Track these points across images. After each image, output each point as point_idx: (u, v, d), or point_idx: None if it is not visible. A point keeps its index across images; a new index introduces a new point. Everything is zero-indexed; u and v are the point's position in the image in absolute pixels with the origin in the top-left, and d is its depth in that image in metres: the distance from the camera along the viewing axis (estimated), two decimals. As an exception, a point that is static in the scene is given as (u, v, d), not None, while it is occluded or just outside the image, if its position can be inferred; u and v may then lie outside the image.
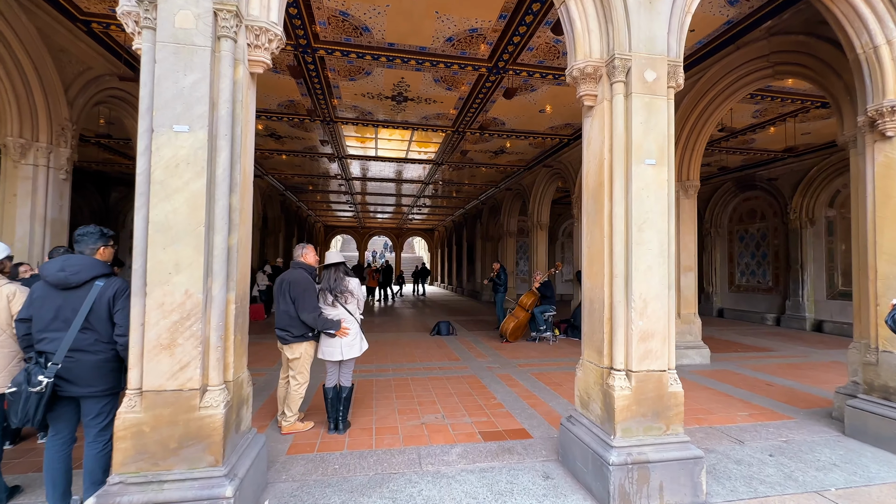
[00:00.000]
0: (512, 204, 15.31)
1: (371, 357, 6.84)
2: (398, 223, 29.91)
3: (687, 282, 6.79)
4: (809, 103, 7.68)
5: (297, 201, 19.45)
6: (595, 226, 2.99)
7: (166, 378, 2.19)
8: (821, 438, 3.79)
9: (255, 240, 13.83)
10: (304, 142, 10.46)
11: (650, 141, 2.81)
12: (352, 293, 3.72)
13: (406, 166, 13.04)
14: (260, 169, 13.15)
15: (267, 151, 11.34)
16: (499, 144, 10.52)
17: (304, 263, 3.78)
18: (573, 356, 7.14)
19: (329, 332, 3.64)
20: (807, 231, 11.18)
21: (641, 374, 2.75)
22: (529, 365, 6.48)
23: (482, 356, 7.08)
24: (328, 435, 3.69)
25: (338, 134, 9.76)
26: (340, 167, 13.08)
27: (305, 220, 23.23)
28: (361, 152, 11.48)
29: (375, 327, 10.31)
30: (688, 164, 6.79)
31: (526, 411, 4.37)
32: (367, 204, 21.03)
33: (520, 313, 8.29)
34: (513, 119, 8.71)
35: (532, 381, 5.53)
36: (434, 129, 9.35)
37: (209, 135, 2.29)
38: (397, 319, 12.12)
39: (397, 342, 8.29)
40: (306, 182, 15.66)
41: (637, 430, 2.73)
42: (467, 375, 5.81)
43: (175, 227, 2.22)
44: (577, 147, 10.04)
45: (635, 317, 2.75)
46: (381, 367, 6.22)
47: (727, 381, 5.72)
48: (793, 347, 8.34)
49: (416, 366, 6.36)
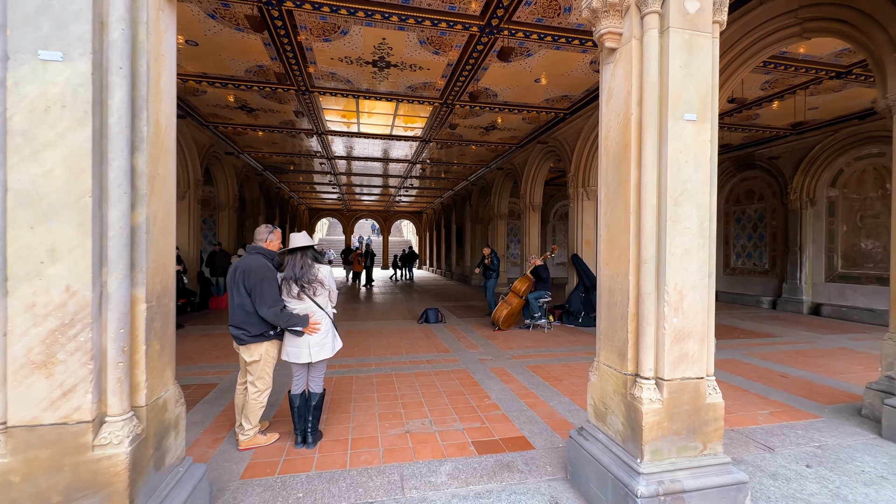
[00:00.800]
0: (503, 185, 14.69)
1: (352, 349, 6.28)
2: (385, 206, 29.08)
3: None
4: (823, 73, 7.15)
5: (277, 182, 18.52)
6: (617, 200, 2.41)
7: (42, 408, 1.58)
8: (857, 442, 3.36)
9: (233, 223, 13.02)
10: (279, 115, 9.61)
11: (690, 90, 2.22)
12: (322, 283, 3.11)
13: (392, 144, 12.27)
14: (234, 146, 12.24)
15: (240, 126, 10.46)
16: (490, 119, 9.82)
17: (263, 248, 3.14)
18: (570, 345, 6.68)
19: (294, 329, 3.04)
20: (807, 212, 10.83)
21: (675, 383, 2.22)
22: (525, 356, 5.99)
23: (473, 346, 6.57)
24: (295, 450, 3.13)
25: (316, 107, 8.95)
26: (321, 144, 12.25)
27: (288, 202, 22.29)
28: (343, 128, 10.67)
29: (359, 315, 9.73)
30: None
31: (524, 413, 3.87)
32: (353, 185, 20.18)
33: (513, 300, 7.78)
34: (506, 90, 8.02)
35: (528, 376, 5.03)
36: (420, 101, 8.61)
37: (95, 66, 1.62)
38: (383, 306, 11.55)
39: (381, 331, 7.73)
40: (286, 161, 14.77)
41: (669, 452, 2.22)
42: (458, 370, 5.29)
43: (48, 198, 1.57)
44: (574, 122, 9.41)
45: (669, 312, 2.20)
46: (362, 362, 5.66)
47: (738, 372, 5.31)
48: (795, 333, 8.02)
49: (401, 359, 5.81)
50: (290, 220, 23.46)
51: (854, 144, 9.82)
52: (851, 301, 9.91)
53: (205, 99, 8.60)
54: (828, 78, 7.34)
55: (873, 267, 9.56)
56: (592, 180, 9.19)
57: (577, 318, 8.56)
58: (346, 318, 9.12)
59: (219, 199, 12.71)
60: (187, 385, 4.59)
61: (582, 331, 7.96)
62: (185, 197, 9.84)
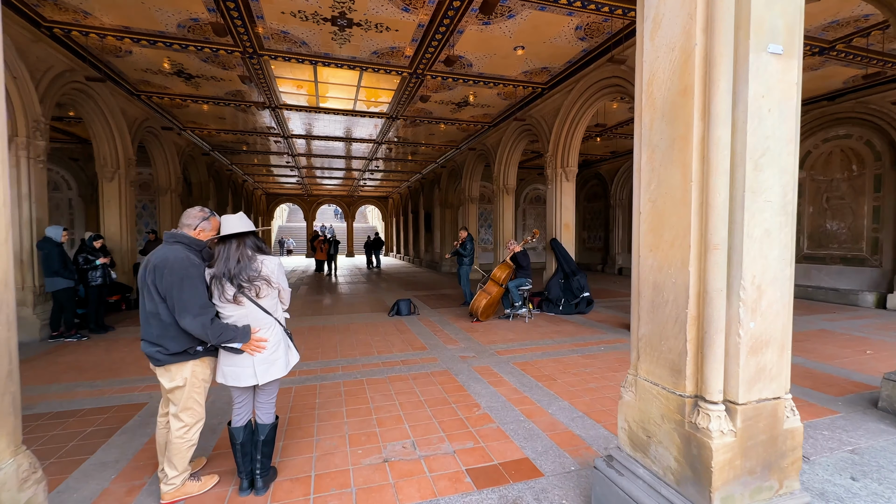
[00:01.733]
0: (475, 167, 14.04)
1: (314, 351, 5.51)
2: (349, 190, 27.77)
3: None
4: (807, 49, 6.92)
5: (229, 164, 16.96)
6: (670, 166, 1.81)
7: None
8: (889, 443, 3.03)
9: (176, 209, 11.65)
10: (225, 85, 8.43)
11: (776, 13, 1.62)
12: (268, 280, 2.35)
13: (355, 122, 11.28)
14: (174, 121, 10.83)
15: (179, 97, 9.15)
16: (462, 94, 9.09)
17: (186, 236, 2.33)
18: (555, 336, 6.22)
19: (231, 346, 2.28)
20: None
21: (750, 407, 1.68)
22: (510, 351, 5.45)
23: (452, 341, 5.97)
24: (240, 499, 2.40)
25: (267, 74, 7.86)
26: (276, 121, 11.06)
27: (242, 186, 20.66)
28: (300, 102, 9.59)
29: (323, 308, 8.89)
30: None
31: (523, 426, 3.30)
32: (313, 168, 18.89)
33: (492, 288, 7.22)
34: (482, 58, 7.30)
35: (518, 376, 4.49)
36: (387, 71, 7.73)
37: None
38: (349, 297, 10.72)
39: (349, 327, 6.97)
40: (237, 140, 13.39)
41: (741, 497, 1.69)
42: (438, 371, 4.67)
43: None
44: (553, 98, 8.84)
45: (745, 315, 1.64)
46: (327, 365, 4.91)
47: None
48: (772, 314, 7.98)
49: (372, 360, 5.11)
50: (244, 206, 21.83)
51: (823, 126, 9.88)
52: (816, 281, 10.11)
53: (131, 61, 7.32)
54: (810, 54, 7.13)
55: (838, 247, 9.75)
56: (572, 160, 8.72)
57: (558, 305, 8.15)
58: (308, 313, 8.26)
59: (158, 182, 11.29)
60: (106, 407, 3.70)
61: (563, 319, 7.55)
62: (113, 178, 8.51)
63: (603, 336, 6.23)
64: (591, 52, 7.07)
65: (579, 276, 8.24)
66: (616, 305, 9.04)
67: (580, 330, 6.64)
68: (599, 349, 5.55)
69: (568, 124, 8.43)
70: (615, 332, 6.51)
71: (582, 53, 7.14)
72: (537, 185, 19.17)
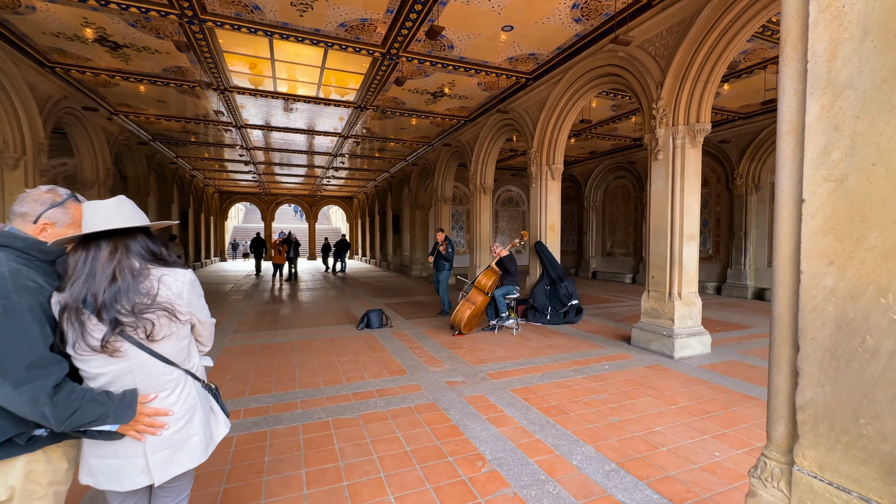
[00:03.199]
0: (448, 165, 13.25)
1: (267, 380, 4.47)
2: (311, 189, 26.24)
3: (689, 253, 5.42)
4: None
5: (174, 157, 15.24)
6: (886, 116, 1.05)
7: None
8: None
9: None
10: (160, 59, 7.15)
11: None
12: (171, 310, 1.38)
13: (318, 112, 10.17)
14: (100, 101, 9.31)
15: (105, 73, 7.74)
16: (440, 82, 8.26)
17: (18, 236, 1.33)
18: (550, 352, 5.49)
19: (102, 431, 1.31)
20: (752, 197, 10.86)
21: None
22: (503, 374, 4.65)
23: (435, 362, 5.10)
24: None
25: (213, 47, 6.69)
26: (227, 107, 9.77)
27: (191, 182, 18.81)
28: (254, 86, 8.41)
29: (280, 321, 7.75)
30: (697, 100, 5.26)
31: (547, 490, 2.49)
32: (272, 164, 17.43)
33: (477, 297, 6.41)
34: (464, 40, 6.50)
35: (522, 409, 3.69)
36: (357, 49, 6.77)
37: None
38: (311, 306, 9.58)
39: (311, 345, 5.94)
40: (183, 130, 11.89)
41: None
42: (424, 405, 3.79)
43: None
44: (538, 90, 8.18)
45: None
46: (282, 400, 3.91)
47: (751, 379, 4.46)
48: (762, 321, 7.69)
49: (340, 390, 4.15)
50: (194, 205, 19.95)
51: (799, 130, 9.83)
52: None
53: (36, 23, 5.95)
54: (803, 51, 6.84)
55: None
56: (558, 157, 8.09)
57: (545, 314, 7.47)
58: (261, 327, 7.12)
59: (83, 174, 9.68)
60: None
61: (553, 330, 6.86)
62: (17, 166, 7.01)
63: (603, 351, 5.57)
64: (584, 38, 6.44)
65: (567, 283, 7.61)
66: (603, 313, 8.49)
67: (576, 343, 5.96)
68: (604, 368, 4.87)
69: (555, 118, 7.79)
70: (614, 345, 5.88)
71: (574, 38, 6.50)
72: (510, 185, 18.66)
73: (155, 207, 14.60)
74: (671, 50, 5.35)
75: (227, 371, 4.70)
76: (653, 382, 4.39)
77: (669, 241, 5.44)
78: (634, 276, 14.40)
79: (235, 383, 4.30)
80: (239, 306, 9.33)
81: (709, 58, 5.00)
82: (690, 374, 4.67)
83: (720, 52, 4.92)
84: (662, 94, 5.39)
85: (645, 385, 4.30)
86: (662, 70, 5.44)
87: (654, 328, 5.56)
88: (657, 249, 5.59)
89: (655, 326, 5.55)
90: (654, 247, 5.65)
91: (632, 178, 14.67)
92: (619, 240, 15.45)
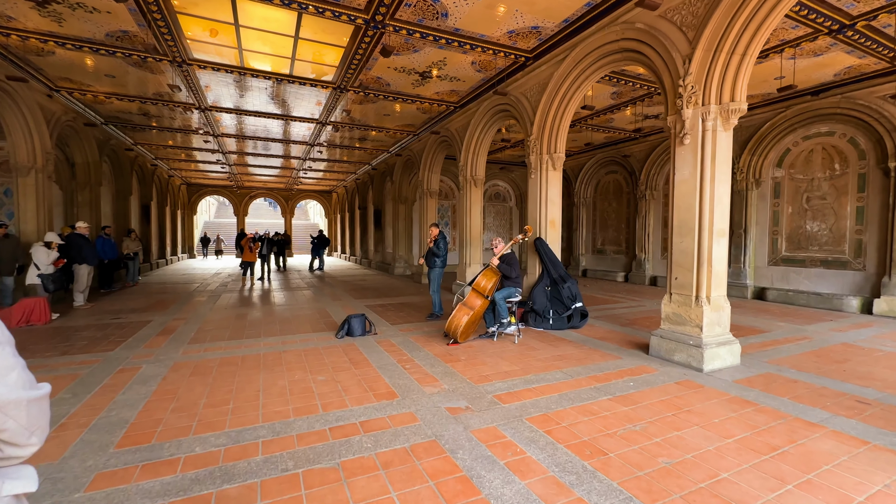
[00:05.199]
0: (435, 156, 12.40)
1: (221, 411, 3.56)
2: (287, 183, 24.91)
3: (720, 251, 4.76)
4: (826, 26, 6.09)
5: (131, 143, 13.86)
6: None
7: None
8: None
9: (46, 194, 8.83)
10: (100, 19, 6.04)
11: None
12: None
13: (293, 94, 9.15)
14: (36, 74, 8.06)
15: (34, 36, 6.56)
16: (430, 60, 7.40)
17: None
18: (562, 364, 4.75)
19: None
20: (752, 193, 10.44)
21: None
22: (514, 395, 3.88)
23: (430, 380, 4.28)
24: None
25: (164, 6, 5.64)
26: (188, 86, 8.65)
27: (153, 173, 17.33)
28: (217, 58, 7.36)
29: (247, 328, 6.77)
30: (732, 76, 4.58)
31: None
32: (244, 153, 16.18)
33: (475, 301, 5.62)
34: (461, 6, 5.67)
35: (548, 448, 2.92)
36: (336, 14, 5.85)
37: None
38: (284, 309, 8.61)
39: (281, 359, 5.02)
40: (140, 112, 10.64)
41: None
42: (422, 444, 2.97)
43: None
44: (539, 71, 7.42)
45: None
46: (239, 441, 3.01)
47: (800, 398, 3.83)
48: (774, 323, 7.18)
49: (315, 424, 3.29)
50: (158, 197, 18.47)
51: (803, 123, 9.44)
52: (795, 285, 9.68)
53: (-66, -38, 4.81)
54: (826, 32, 6.32)
55: (818, 250, 9.35)
56: (560, 145, 7.37)
57: (546, 318, 6.75)
58: (223, 336, 6.14)
59: (16, 158, 8.40)
60: None
61: (557, 337, 6.14)
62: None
63: (620, 363, 4.87)
64: (595, 7, 5.71)
65: (570, 283, 6.90)
66: (605, 315, 7.84)
67: (587, 354, 5.25)
68: (629, 385, 4.16)
69: (557, 101, 7.06)
70: (630, 354, 5.20)
71: (585, 8, 5.75)
72: (497, 180, 17.95)
73: (109, 199, 13.21)
74: (701, 18, 4.66)
75: (172, 398, 3.76)
76: (691, 404, 3.70)
77: (697, 237, 4.77)
78: (627, 275, 13.92)
79: (179, 416, 3.38)
80: (201, 310, 8.27)
81: (748, 24, 4.33)
82: (729, 391, 4.01)
83: (764, 16, 4.24)
84: (691, 68, 4.70)
85: (684, 408, 3.61)
86: (690, 42, 4.76)
87: (677, 336, 4.89)
88: (682, 247, 4.92)
89: (680, 335, 4.89)
90: (678, 244, 4.98)
91: (625, 174, 14.16)
92: (611, 237, 14.95)
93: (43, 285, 7.19)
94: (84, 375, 4.32)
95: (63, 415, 3.39)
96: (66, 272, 8.05)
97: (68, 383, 4.09)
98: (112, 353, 5.14)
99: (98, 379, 4.22)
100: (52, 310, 7.15)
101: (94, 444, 2.92)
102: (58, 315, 7.29)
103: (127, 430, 3.13)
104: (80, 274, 8.29)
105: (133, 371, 4.47)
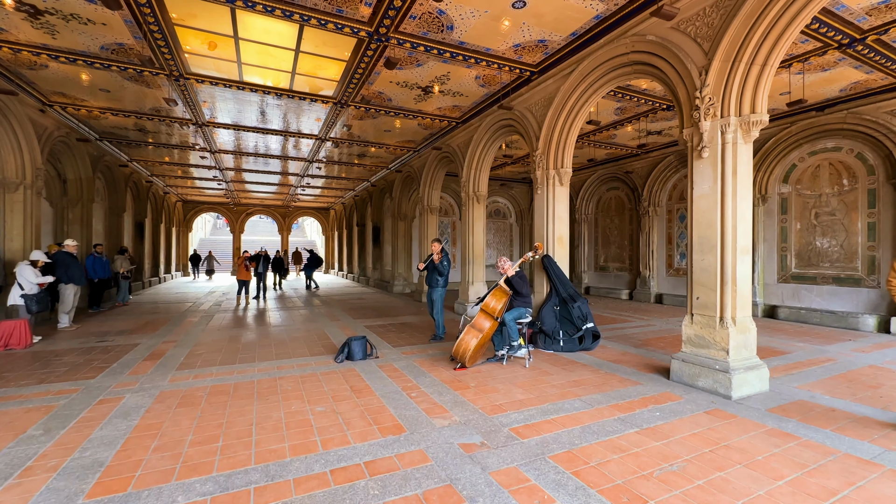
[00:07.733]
0: (436, 172, 12.23)
1: (209, 449, 3.19)
2: (284, 200, 24.72)
3: (744, 270, 4.50)
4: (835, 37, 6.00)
5: (127, 160, 13.63)
6: None
7: None
8: None
9: (35, 210, 8.53)
10: (95, 31, 5.86)
11: None
12: None
13: (293, 108, 8.99)
14: (27, 88, 7.85)
15: (26, 49, 6.37)
16: (433, 74, 7.27)
17: None
18: (580, 392, 4.41)
19: None
20: (759, 209, 10.28)
21: None
22: (532, 428, 3.54)
23: (439, 410, 3.94)
24: None
25: (160, 16, 5.47)
26: (185, 101, 8.47)
27: (148, 189, 17.07)
28: (215, 72, 7.19)
29: (240, 352, 6.39)
30: (752, 87, 4.41)
31: None
32: (241, 170, 15.98)
33: (485, 323, 5.30)
34: (467, 18, 5.53)
35: (579, 494, 2.58)
36: (339, 27, 5.70)
37: None
38: (280, 331, 8.23)
39: (276, 386, 4.66)
40: (136, 128, 10.44)
41: None
42: (436, 489, 2.62)
43: None
44: (544, 86, 7.28)
45: None
46: (227, 490, 2.65)
47: (843, 430, 3.51)
48: (800, 345, 6.89)
49: (314, 465, 2.94)
50: (153, 214, 18.16)
51: (809, 138, 9.35)
52: (807, 303, 9.43)
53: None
54: (835, 47, 6.23)
55: (830, 266, 9.13)
56: (567, 160, 7.18)
57: (556, 339, 6.43)
58: (214, 362, 5.76)
59: (4, 173, 8.12)
60: None
61: (569, 360, 5.81)
62: None
63: (641, 389, 4.54)
64: (605, 20, 5.59)
65: (580, 303, 6.60)
66: (616, 336, 7.52)
67: (605, 379, 4.92)
68: (655, 416, 3.83)
69: (564, 116, 6.90)
70: (650, 379, 4.87)
71: (594, 21, 5.64)
72: (497, 197, 17.80)
73: (102, 216, 12.90)
74: (717, 29, 4.52)
75: (155, 434, 3.39)
76: (728, 438, 3.37)
77: (720, 254, 4.52)
78: (631, 293, 13.63)
79: (162, 457, 3.01)
80: (193, 331, 7.89)
81: (769, 32, 4.17)
82: (765, 422, 3.68)
83: (786, 24, 4.09)
84: (708, 80, 4.53)
85: (721, 443, 3.28)
86: (706, 53, 4.60)
87: (701, 360, 4.58)
88: (703, 265, 4.66)
89: (704, 359, 4.58)
90: (698, 262, 4.72)
91: (627, 190, 14.03)
92: (614, 254, 14.72)
93: (26, 306, 6.80)
94: (60, 407, 3.94)
95: (31, 456, 3.01)
96: (52, 292, 7.67)
97: (41, 416, 3.72)
98: (93, 380, 4.76)
99: (75, 411, 3.84)
100: (33, 332, 6.76)
101: (62, 493, 2.56)
102: (39, 338, 6.89)
103: (101, 475, 2.76)
104: (65, 294, 7.91)
105: (114, 402, 4.10)
